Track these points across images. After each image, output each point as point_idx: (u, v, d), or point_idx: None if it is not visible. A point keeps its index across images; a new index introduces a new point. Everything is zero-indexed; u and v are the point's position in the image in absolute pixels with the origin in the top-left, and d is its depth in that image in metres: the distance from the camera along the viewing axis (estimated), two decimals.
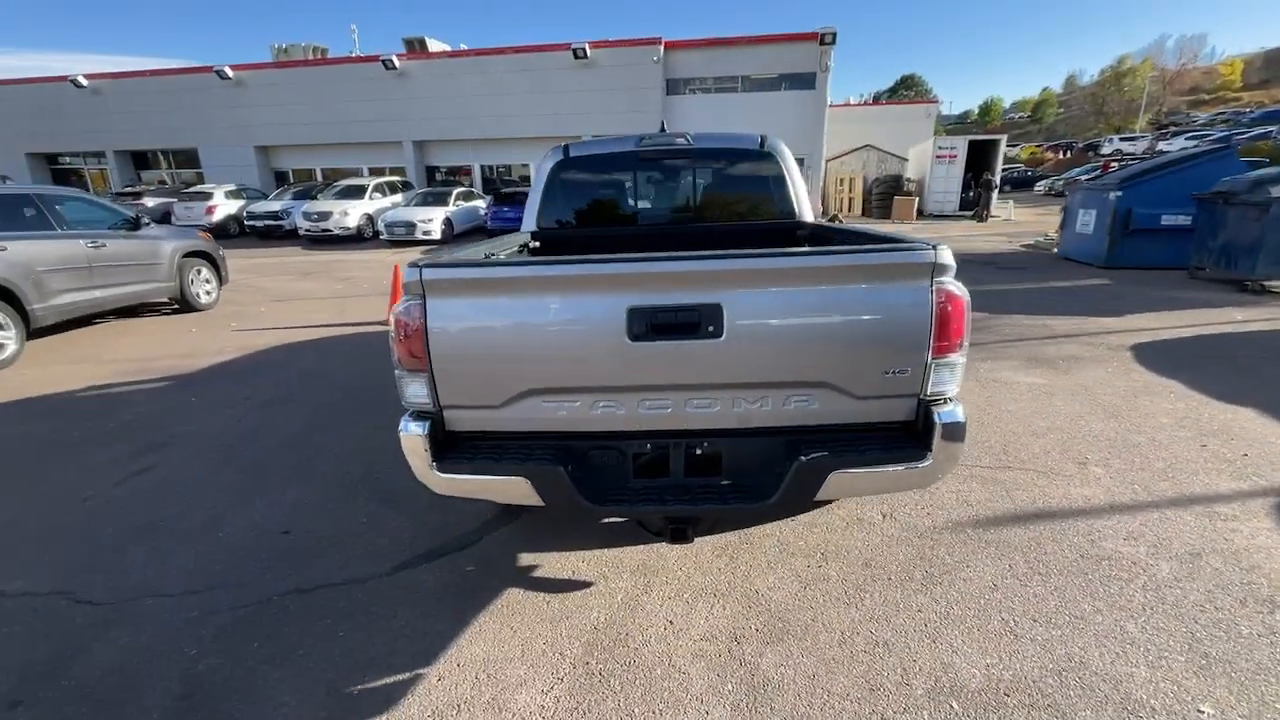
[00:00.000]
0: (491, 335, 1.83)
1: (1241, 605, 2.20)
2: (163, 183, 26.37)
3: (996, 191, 21.23)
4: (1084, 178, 11.43)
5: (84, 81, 25.17)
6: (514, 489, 1.90)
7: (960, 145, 22.10)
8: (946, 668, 1.96)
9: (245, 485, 3.32)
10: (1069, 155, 46.50)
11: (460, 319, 1.83)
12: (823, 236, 3.09)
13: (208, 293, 8.47)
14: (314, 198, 19.08)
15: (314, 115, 24.08)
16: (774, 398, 1.89)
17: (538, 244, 3.45)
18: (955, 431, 1.85)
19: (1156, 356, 5.04)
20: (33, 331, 6.20)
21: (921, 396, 1.88)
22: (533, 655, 2.09)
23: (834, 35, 19.92)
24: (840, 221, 20.17)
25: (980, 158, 22.08)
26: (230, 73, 23.94)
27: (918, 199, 21.91)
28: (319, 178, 24.88)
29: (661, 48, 21.38)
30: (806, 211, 3.46)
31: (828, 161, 24.11)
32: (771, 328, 1.80)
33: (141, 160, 27.66)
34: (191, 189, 21.15)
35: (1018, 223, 18.61)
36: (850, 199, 23.78)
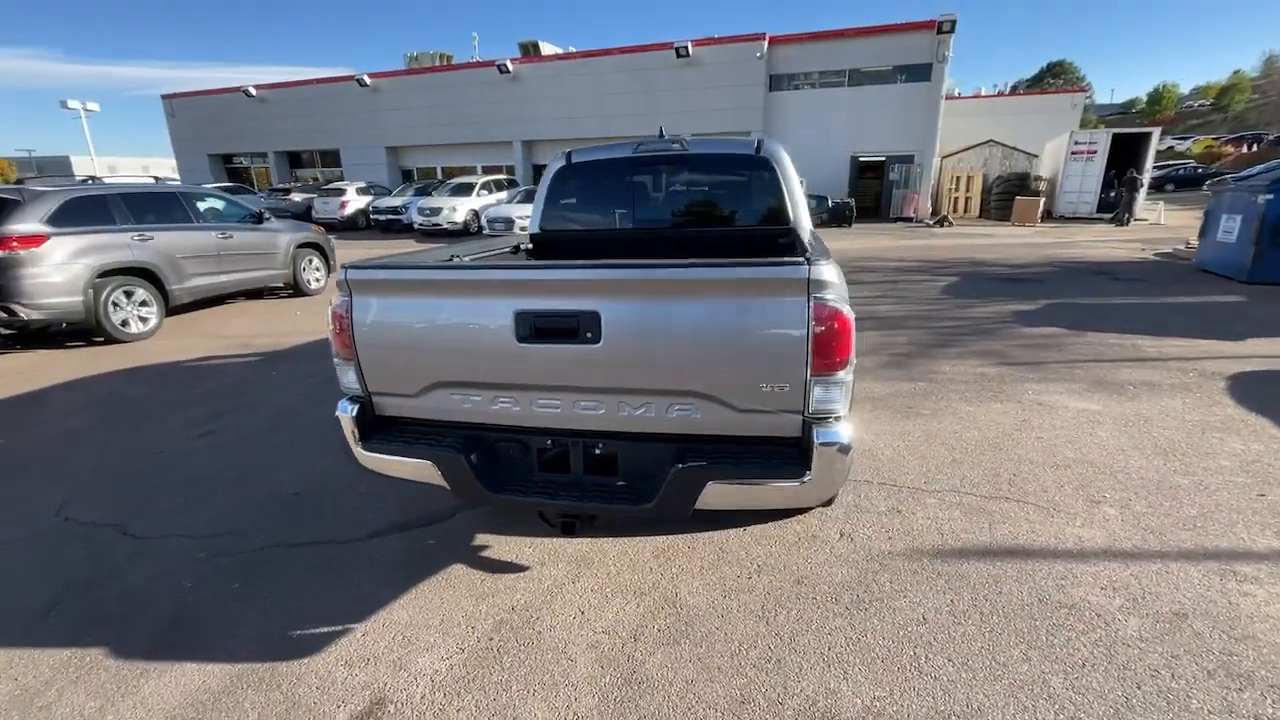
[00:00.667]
0: (403, 330, 2.04)
1: (1208, 677, 1.93)
2: (315, 180, 29.70)
3: (1143, 192, 18.77)
4: (1231, 177, 9.90)
5: (253, 91, 28.89)
6: (423, 471, 2.10)
7: (1101, 140, 19.78)
8: (829, 693, 1.92)
9: (284, 452, 3.81)
10: (1255, 149, 39.92)
11: (379, 315, 2.05)
12: (789, 246, 3.02)
13: (316, 279, 9.58)
14: (430, 194, 20.72)
15: (436, 117, 26.06)
16: (656, 405, 1.93)
17: (530, 246, 3.65)
18: (835, 452, 1.80)
19: (1257, 390, 4.35)
20: (171, 309, 7.37)
21: (805, 414, 1.85)
22: (449, 625, 2.28)
23: (953, 23, 18.54)
24: (949, 224, 18.79)
25: (1126, 154, 19.64)
26: (368, 80, 26.47)
27: (1044, 199, 19.86)
28: (439, 175, 26.89)
29: (765, 43, 20.96)
30: (803, 219, 3.38)
31: (943, 159, 22.51)
32: (648, 337, 1.85)
33: (296, 160, 31.30)
34: (329, 186, 23.64)
35: (1166, 227, 16.40)
36: (967, 199, 22.09)
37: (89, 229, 6.51)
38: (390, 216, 20.88)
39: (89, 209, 6.61)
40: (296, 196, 23.16)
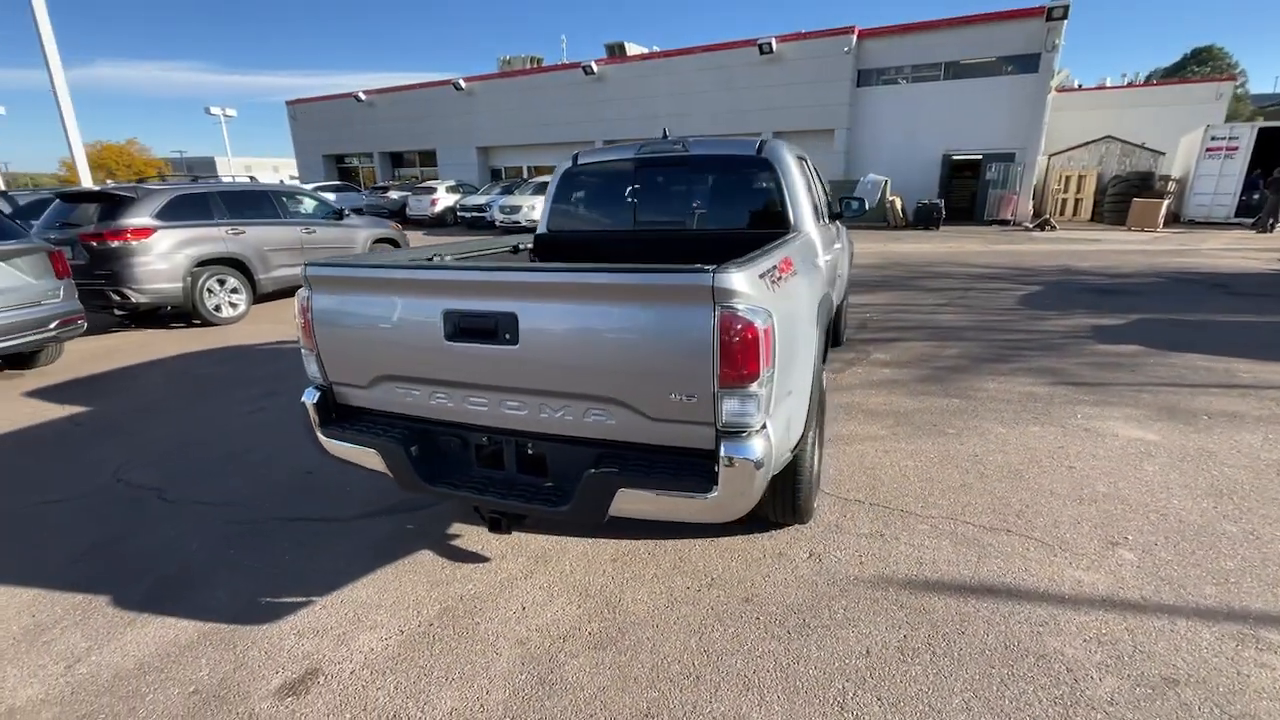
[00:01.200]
0: (352, 325, 2.15)
1: None
2: (415, 179, 31.65)
3: None
4: None
5: (362, 96, 31.16)
6: (370, 459, 2.21)
7: (1244, 135, 17.47)
8: (738, 718, 1.84)
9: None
10: None
11: (333, 309, 2.18)
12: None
13: None
14: (511, 193, 21.54)
15: (522, 119, 27.00)
16: (574, 408, 1.93)
17: (530, 246, 3.73)
18: (741, 467, 1.73)
19: None
20: (258, 297, 8.12)
21: (716, 426, 1.78)
22: (398, 607, 2.39)
23: (1065, 8, 16.98)
24: (1052, 228, 17.26)
25: (1276, 151, 17.23)
26: (463, 84, 27.84)
27: (1170, 201, 17.78)
28: (526, 175, 27.88)
29: (854, 37, 20.11)
30: (805, 221, 3.24)
31: (1050, 157, 20.71)
32: (561, 340, 1.85)
33: (399, 159, 33.45)
34: (421, 185, 25.10)
35: None
36: (1077, 200, 20.22)
37: (190, 223, 7.30)
38: (475, 214, 21.86)
39: (191, 205, 7.41)
40: (394, 194, 24.83)
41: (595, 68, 24.42)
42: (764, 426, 1.82)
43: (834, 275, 4.05)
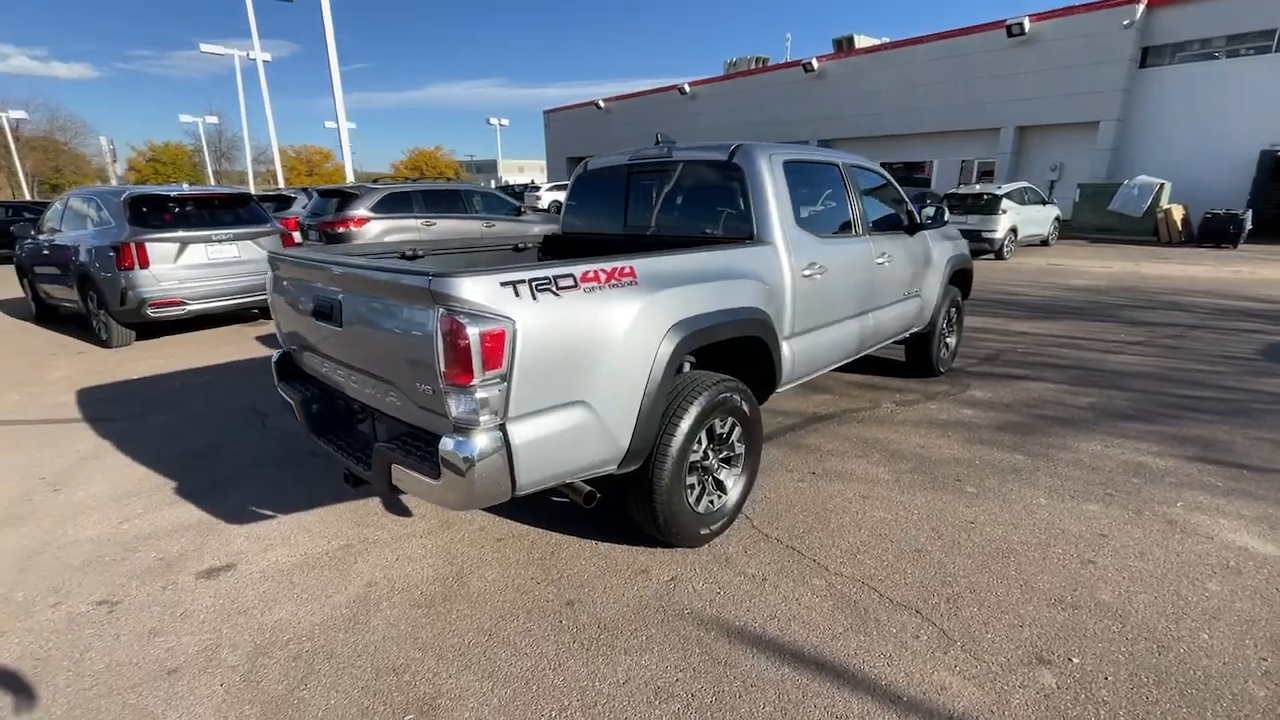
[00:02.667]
0: (284, 299, 2.69)
1: None
2: None
3: None
4: None
5: (601, 104, 34.33)
6: (293, 408, 2.75)
7: None
8: (445, 692, 1.95)
9: None
10: None
11: (277, 287, 2.75)
12: None
13: None
14: None
15: (742, 120, 27.22)
16: (378, 387, 2.19)
17: (541, 243, 4.00)
18: (452, 461, 1.83)
19: None
20: None
21: (450, 418, 1.89)
22: (318, 536, 2.90)
23: None
24: None
25: None
26: (687, 88, 29.03)
27: None
28: None
29: (1140, 6, 16.32)
30: (772, 231, 2.98)
31: None
32: (361, 325, 2.13)
33: None
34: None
35: None
36: None
37: (394, 215, 9.07)
38: None
39: (398, 201, 9.19)
40: None
41: (815, 64, 23.56)
42: (501, 428, 1.89)
43: (862, 294, 3.62)
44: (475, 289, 1.80)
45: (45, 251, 7.39)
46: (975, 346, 6.08)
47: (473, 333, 1.78)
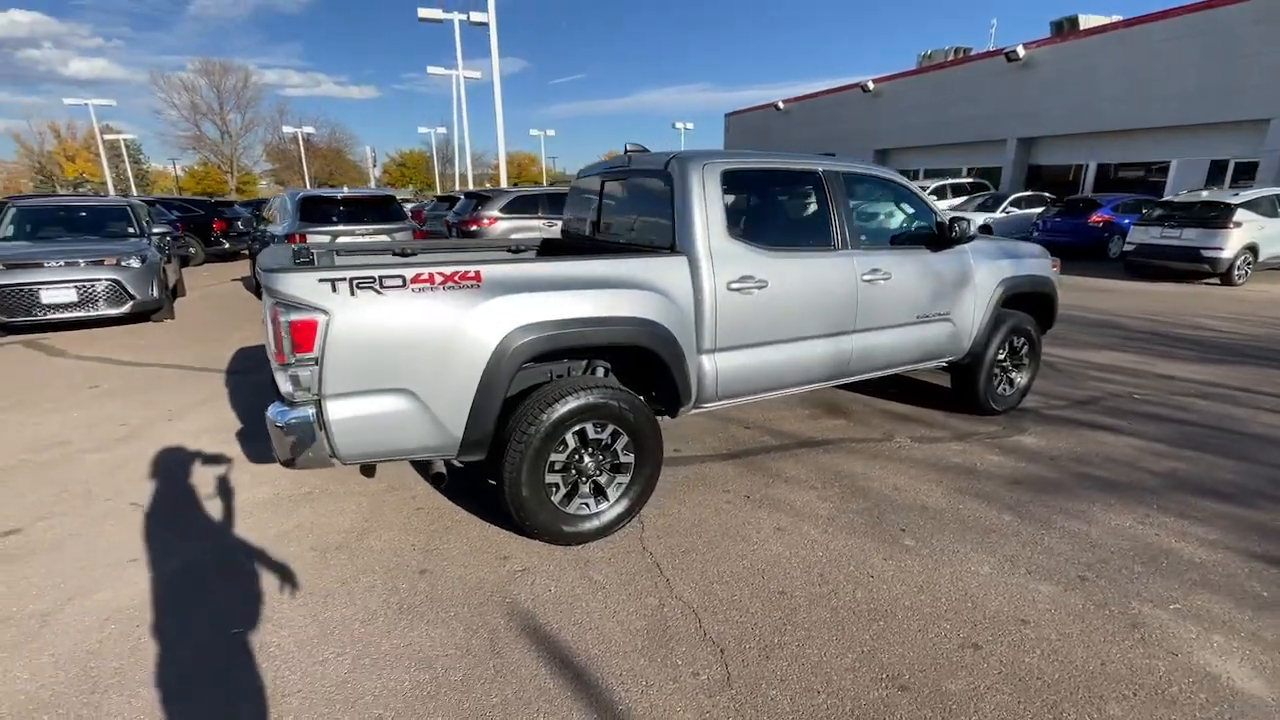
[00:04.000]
0: None
1: None
2: None
3: None
4: None
5: (781, 106, 33.58)
6: None
7: None
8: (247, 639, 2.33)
9: None
10: None
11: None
12: None
13: None
14: None
15: (927, 118, 24.87)
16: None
17: (539, 246, 4.25)
18: (273, 426, 2.19)
19: None
20: None
21: (280, 391, 2.24)
22: (305, 478, 3.51)
23: None
24: None
25: None
26: (871, 85, 27.22)
27: None
28: (920, 178, 25.80)
29: None
30: (693, 243, 2.90)
31: None
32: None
33: None
34: None
35: None
36: None
37: (521, 216, 10.02)
38: None
39: (525, 203, 10.13)
40: None
41: (1020, 52, 20.60)
42: (318, 404, 2.20)
43: (835, 312, 3.35)
44: (293, 284, 2.14)
45: (271, 239, 9.46)
46: (1083, 386, 5.09)
47: (284, 320, 2.12)
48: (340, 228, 7.85)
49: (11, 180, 49.70)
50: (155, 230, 8.32)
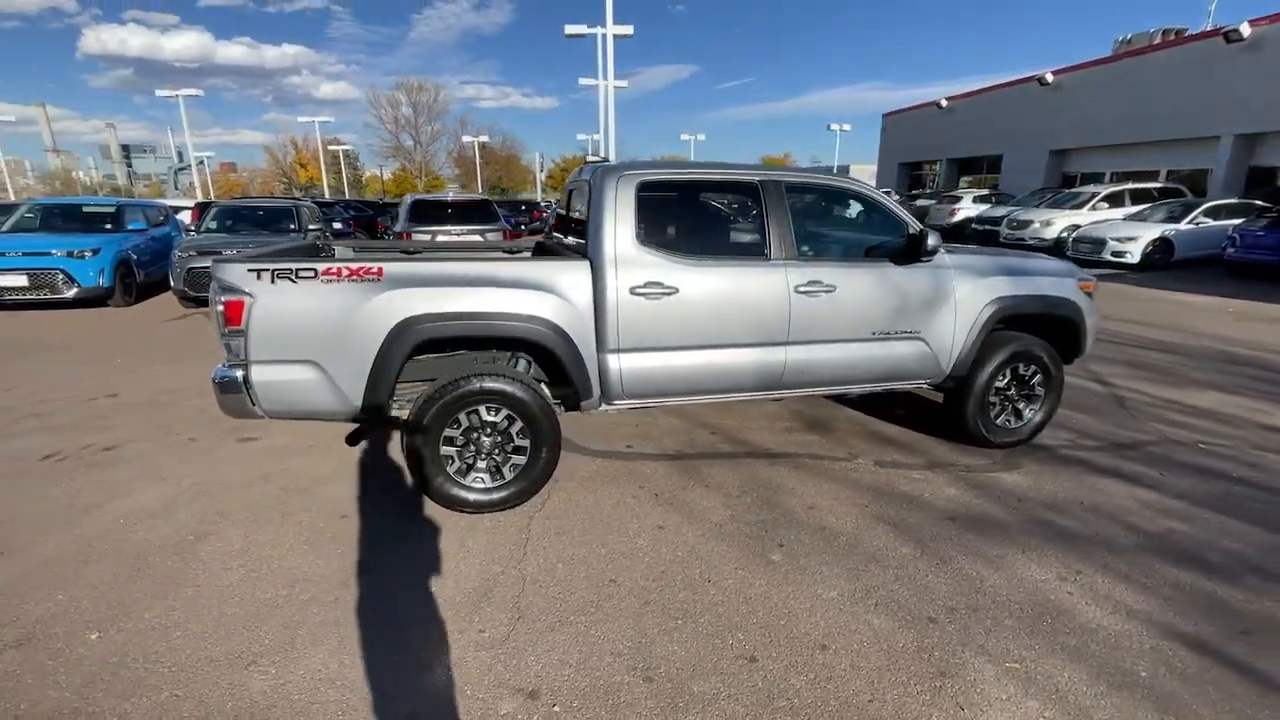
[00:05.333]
0: None
1: None
2: (981, 185, 29.78)
3: None
4: None
5: (943, 103, 30.91)
6: None
7: None
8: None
9: None
10: None
11: None
12: None
13: None
14: (1036, 205, 18.17)
15: (1117, 113, 21.51)
16: None
17: (534, 246, 4.60)
18: (212, 382, 2.81)
19: None
20: None
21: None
22: (297, 437, 4.26)
23: None
24: None
25: None
26: (1049, 78, 24.13)
27: None
28: (1107, 180, 22.41)
29: None
30: (599, 247, 3.10)
31: None
32: None
33: (967, 166, 31.91)
34: (948, 193, 23.79)
35: None
36: None
37: None
38: (989, 228, 19.58)
39: None
40: (921, 201, 24.49)
41: (1245, 31, 17.02)
42: (245, 367, 2.78)
43: (763, 322, 3.35)
44: (227, 272, 2.74)
45: (390, 236, 11.02)
46: (1143, 427, 4.37)
47: (219, 300, 2.72)
48: (442, 227, 8.93)
49: (265, 183, 61.33)
50: (311, 226, 10.05)
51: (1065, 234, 15.90)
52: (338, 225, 15.80)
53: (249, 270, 2.76)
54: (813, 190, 3.88)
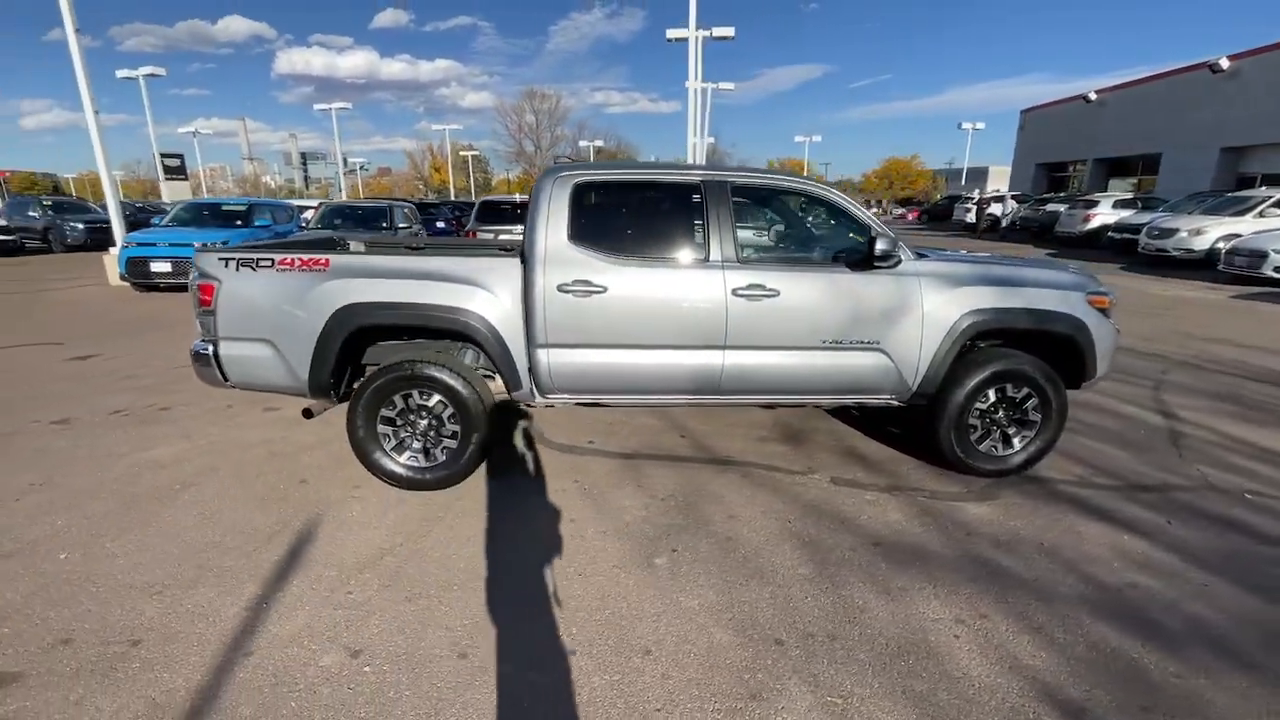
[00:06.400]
0: None
1: None
2: (1140, 186, 26.30)
3: None
4: None
5: (1092, 96, 27.66)
6: None
7: None
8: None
9: None
10: None
11: None
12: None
13: None
14: (1185, 211, 15.73)
15: None
16: None
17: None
18: (191, 354, 3.26)
19: None
20: None
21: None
22: (287, 411, 4.76)
23: None
24: None
25: None
26: (1224, 64, 20.80)
27: None
28: None
29: None
30: (532, 245, 3.20)
31: None
32: None
33: (1119, 167, 28.28)
34: (1083, 196, 21.21)
35: None
36: None
37: None
38: (1128, 236, 17.28)
39: None
40: (1053, 206, 22.04)
41: None
42: (214, 342, 3.21)
43: (698, 325, 3.30)
44: (202, 260, 3.17)
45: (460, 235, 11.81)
46: (1179, 468, 3.74)
47: (193, 284, 3.17)
48: (505, 226, 9.47)
49: (407, 186, 67.62)
50: (400, 224, 11.05)
51: (1221, 244, 13.67)
52: (440, 224, 17.10)
53: (219, 259, 3.19)
54: (764, 192, 3.73)
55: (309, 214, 14.01)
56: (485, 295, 3.22)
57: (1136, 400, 5.00)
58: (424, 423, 3.35)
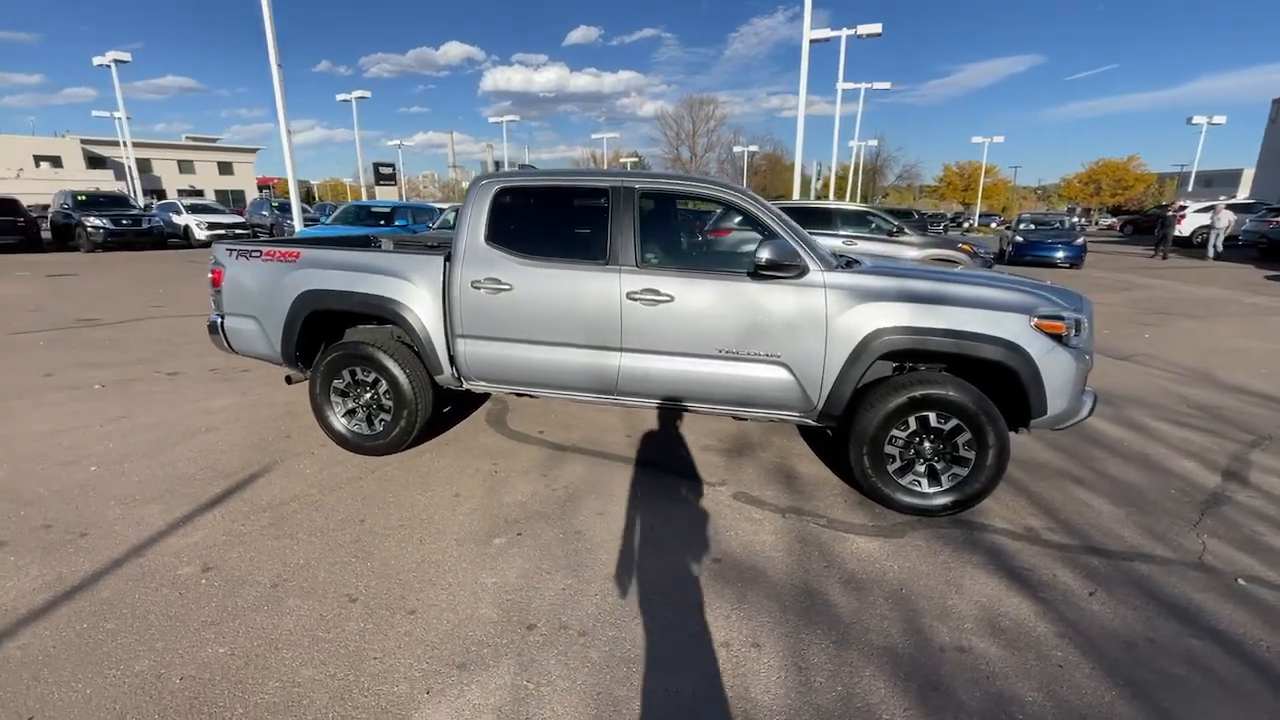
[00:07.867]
0: None
1: None
2: None
3: None
4: None
5: None
6: None
7: None
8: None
9: None
10: None
11: None
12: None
13: None
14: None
15: None
16: None
17: None
18: (209, 325, 4.09)
19: None
20: None
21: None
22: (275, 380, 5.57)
23: None
24: None
25: None
26: None
27: None
28: None
29: None
30: (456, 243, 3.53)
31: None
32: None
33: None
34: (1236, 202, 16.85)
35: None
36: None
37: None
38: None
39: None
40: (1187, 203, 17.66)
41: None
42: (221, 317, 4.00)
43: (595, 326, 3.43)
44: (216, 250, 3.97)
45: None
46: (1173, 541, 3.07)
47: (210, 269, 3.98)
48: None
49: None
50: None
51: None
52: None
53: (226, 249, 3.97)
54: (674, 196, 3.69)
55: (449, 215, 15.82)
56: (411, 288, 3.63)
57: (1206, 455, 4.08)
58: (367, 395, 3.86)
